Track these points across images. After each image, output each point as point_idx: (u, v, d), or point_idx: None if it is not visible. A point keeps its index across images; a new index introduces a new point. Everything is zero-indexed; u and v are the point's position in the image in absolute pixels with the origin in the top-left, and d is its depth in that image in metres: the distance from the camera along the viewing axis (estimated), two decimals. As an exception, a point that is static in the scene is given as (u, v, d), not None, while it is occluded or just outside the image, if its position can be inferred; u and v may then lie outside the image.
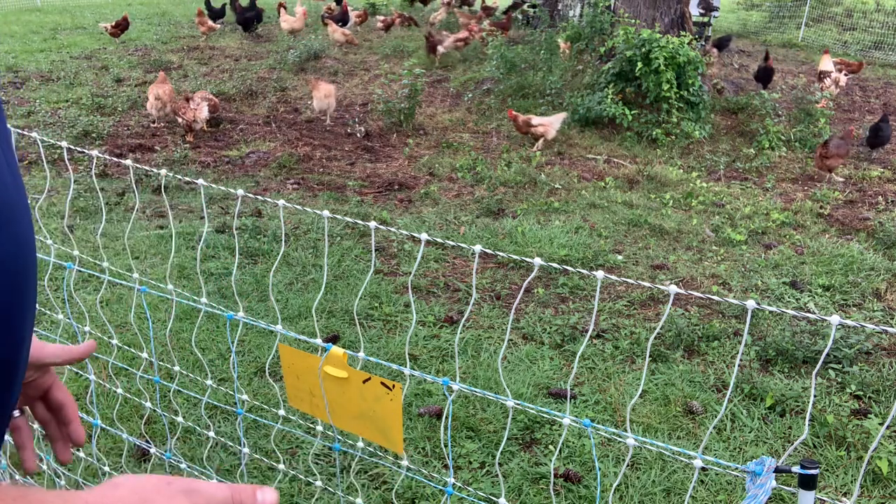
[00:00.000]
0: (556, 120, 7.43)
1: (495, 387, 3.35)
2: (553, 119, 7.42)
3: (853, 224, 5.65)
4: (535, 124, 7.35)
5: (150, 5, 17.69)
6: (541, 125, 7.34)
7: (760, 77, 9.39)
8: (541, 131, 7.35)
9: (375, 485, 2.77)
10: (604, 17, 9.29)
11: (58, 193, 5.69)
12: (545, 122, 7.37)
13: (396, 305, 4.14)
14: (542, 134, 7.37)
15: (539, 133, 7.37)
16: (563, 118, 7.59)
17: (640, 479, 2.82)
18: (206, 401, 2.67)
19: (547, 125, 7.34)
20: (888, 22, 13.69)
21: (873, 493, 2.80)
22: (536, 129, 7.34)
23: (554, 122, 7.39)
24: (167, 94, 7.52)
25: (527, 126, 7.38)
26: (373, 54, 11.98)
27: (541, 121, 7.38)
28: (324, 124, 8.08)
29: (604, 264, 4.76)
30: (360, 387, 1.37)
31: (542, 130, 7.35)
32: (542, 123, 7.35)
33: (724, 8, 18.17)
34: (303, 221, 5.35)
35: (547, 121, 7.38)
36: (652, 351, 3.71)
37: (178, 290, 2.15)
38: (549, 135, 7.37)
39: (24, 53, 11.17)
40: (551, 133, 7.38)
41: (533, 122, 7.37)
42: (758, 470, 1.09)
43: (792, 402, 3.33)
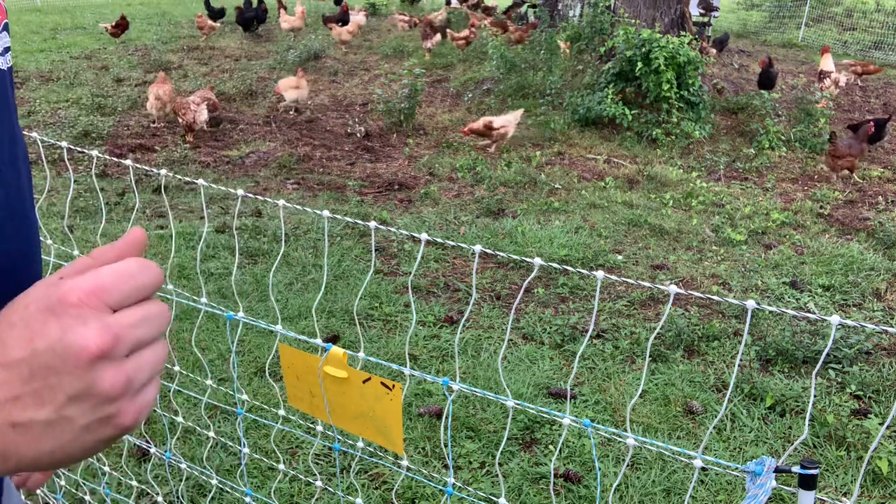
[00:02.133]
0: (515, 118, 7.21)
1: (495, 387, 3.35)
2: (512, 117, 7.20)
3: (853, 224, 5.65)
4: (498, 126, 7.04)
5: (150, 5, 17.69)
6: (503, 126, 7.05)
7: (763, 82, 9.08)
8: (502, 133, 7.08)
9: (375, 485, 2.77)
10: (604, 17, 9.29)
11: (58, 193, 5.69)
12: (504, 122, 7.10)
13: (396, 305, 4.14)
14: (504, 135, 7.11)
15: (502, 134, 7.09)
16: (521, 114, 7.35)
17: (640, 479, 2.82)
18: (206, 401, 2.67)
19: (507, 126, 7.10)
20: (888, 22, 13.69)
21: (873, 493, 2.80)
22: (499, 130, 7.05)
23: (513, 120, 7.18)
24: (167, 94, 7.53)
25: (489, 129, 7.06)
26: (373, 54, 11.98)
27: (502, 122, 7.10)
28: (323, 124, 8.08)
29: (604, 264, 4.76)
30: (360, 387, 1.36)
31: (503, 132, 7.08)
32: (504, 125, 7.07)
33: (724, 8, 18.16)
34: (303, 221, 5.35)
35: (505, 121, 7.13)
36: (652, 351, 3.71)
37: (178, 290, 2.15)
38: (509, 134, 7.16)
39: (24, 53, 11.18)
40: (511, 132, 7.16)
41: (495, 124, 7.05)
42: (758, 470, 1.09)
43: (792, 402, 3.33)
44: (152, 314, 0.54)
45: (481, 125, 7.06)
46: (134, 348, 0.53)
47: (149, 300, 0.55)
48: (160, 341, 0.56)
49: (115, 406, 0.52)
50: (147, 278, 0.54)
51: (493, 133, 7.06)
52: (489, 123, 7.05)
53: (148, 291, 0.54)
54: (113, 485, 2.63)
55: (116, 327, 0.51)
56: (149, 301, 0.55)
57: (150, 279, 0.54)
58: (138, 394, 0.53)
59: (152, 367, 0.54)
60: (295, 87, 8.26)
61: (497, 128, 7.04)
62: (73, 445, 0.52)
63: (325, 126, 8.05)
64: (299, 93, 8.29)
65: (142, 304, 0.54)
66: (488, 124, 7.04)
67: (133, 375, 0.52)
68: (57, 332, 0.50)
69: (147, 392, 0.54)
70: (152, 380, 0.55)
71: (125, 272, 0.53)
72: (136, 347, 0.53)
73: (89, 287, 0.51)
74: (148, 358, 0.54)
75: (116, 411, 0.52)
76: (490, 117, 7.21)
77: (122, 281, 0.53)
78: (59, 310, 0.50)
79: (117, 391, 0.51)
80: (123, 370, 0.52)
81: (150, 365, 0.54)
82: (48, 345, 0.50)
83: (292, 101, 8.33)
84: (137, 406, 0.53)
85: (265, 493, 2.61)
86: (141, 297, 0.54)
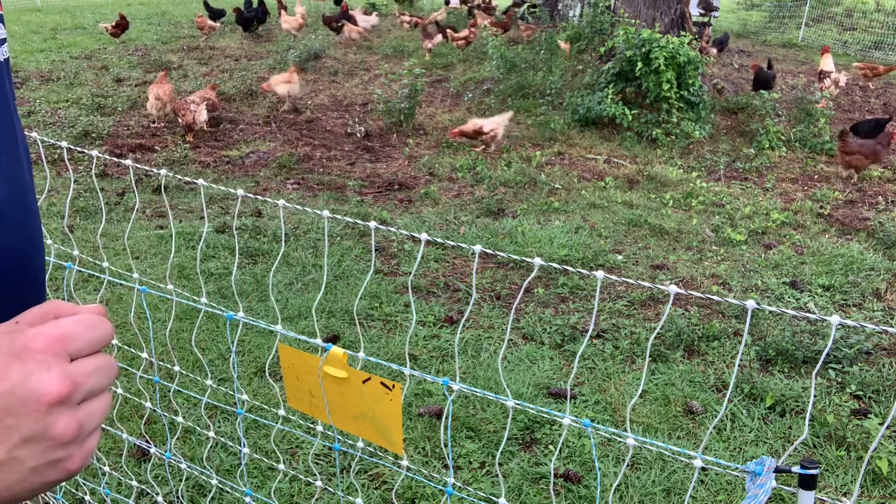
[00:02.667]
0: (504, 120, 7.18)
1: (495, 387, 3.35)
2: (501, 119, 7.16)
3: (853, 224, 5.65)
4: (488, 129, 6.99)
5: (150, 5, 17.70)
6: (492, 130, 7.01)
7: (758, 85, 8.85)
8: (491, 136, 7.04)
9: (375, 485, 2.77)
10: (604, 17, 9.30)
11: (58, 193, 5.69)
12: (494, 125, 7.06)
13: (396, 305, 4.14)
14: (494, 137, 7.06)
15: (492, 137, 7.05)
16: (510, 116, 7.31)
17: (640, 479, 2.82)
18: (206, 401, 2.67)
19: (496, 128, 7.06)
20: (888, 22, 13.69)
21: (873, 493, 2.80)
22: (489, 134, 7.01)
23: (502, 122, 7.14)
24: (167, 94, 7.53)
25: (478, 133, 7.02)
26: (373, 54, 11.98)
27: (492, 125, 7.05)
28: (323, 124, 8.08)
29: (604, 264, 4.76)
30: (360, 387, 1.36)
31: (493, 135, 7.04)
32: (493, 127, 7.03)
33: (724, 8, 18.17)
34: (303, 221, 5.35)
35: (495, 124, 7.09)
36: (652, 351, 3.71)
37: (178, 290, 2.15)
38: (499, 137, 7.13)
39: (24, 53, 11.17)
40: (500, 135, 7.12)
41: (485, 128, 7.00)
42: (758, 470, 1.09)
43: (792, 402, 3.33)
44: (104, 366, 0.57)
45: (470, 129, 7.03)
46: (87, 397, 0.56)
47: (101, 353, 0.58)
48: (107, 392, 0.58)
49: (65, 451, 0.54)
50: (103, 331, 0.58)
51: (483, 137, 7.05)
52: (479, 128, 7.02)
53: (102, 343, 0.58)
54: (113, 485, 2.63)
55: (75, 375, 0.54)
56: (102, 353, 0.58)
57: (105, 332, 0.58)
58: (85, 440, 0.56)
59: (100, 416, 0.57)
60: (286, 81, 8.36)
61: (486, 131, 7.01)
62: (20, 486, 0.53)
63: (325, 126, 8.05)
64: (290, 87, 8.37)
65: (96, 356, 0.57)
66: (478, 129, 7.01)
67: (84, 422, 0.55)
68: (20, 376, 0.52)
69: (91, 440, 0.57)
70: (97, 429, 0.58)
71: (85, 323, 0.56)
72: (88, 396, 0.56)
73: (53, 335, 0.54)
74: (97, 407, 0.57)
75: (66, 456, 0.54)
76: (480, 121, 7.16)
77: (82, 331, 0.56)
78: (23, 355, 0.53)
79: (70, 436, 0.53)
80: (76, 417, 0.54)
81: (99, 414, 0.57)
82: (9, 387, 0.52)
83: (283, 94, 8.41)
84: (83, 452, 0.56)
85: (265, 493, 2.61)
86: (96, 348, 0.57)
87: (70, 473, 0.55)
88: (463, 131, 7.07)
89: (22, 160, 0.79)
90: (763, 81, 8.72)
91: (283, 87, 8.34)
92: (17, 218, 0.75)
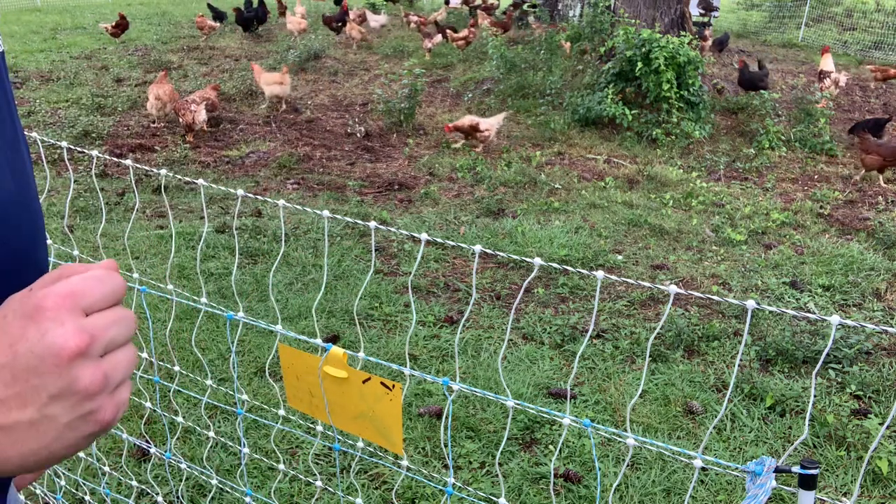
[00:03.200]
0: (498, 121, 7.21)
1: (495, 387, 3.35)
2: (495, 120, 7.20)
3: (853, 224, 5.65)
4: (484, 129, 7.04)
5: (150, 5, 17.70)
6: (487, 129, 7.06)
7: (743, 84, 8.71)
8: (486, 136, 7.08)
9: (375, 485, 2.77)
10: (604, 17, 9.30)
11: (58, 193, 5.69)
12: (489, 125, 7.10)
13: (396, 305, 4.14)
14: (488, 136, 7.11)
15: (485, 137, 7.10)
16: (504, 117, 7.35)
17: (640, 479, 2.82)
18: (206, 401, 2.67)
19: (491, 128, 7.10)
20: (888, 22, 13.69)
21: (873, 493, 2.80)
22: (484, 133, 7.05)
23: (495, 123, 7.17)
24: (167, 93, 7.53)
25: (474, 129, 7.06)
26: (373, 54, 11.98)
27: (488, 125, 7.10)
28: (323, 124, 8.08)
29: (604, 264, 4.76)
30: (360, 387, 1.36)
31: (487, 135, 7.08)
32: (489, 127, 7.08)
33: (724, 8, 18.17)
34: (303, 221, 5.35)
35: (491, 123, 7.14)
36: (652, 351, 3.71)
37: (178, 290, 2.15)
38: (493, 136, 7.17)
39: (24, 53, 11.17)
40: (493, 135, 7.16)
41: (481, 126, 7.05)
42: (758, 470, 1.09)
43: (792, 402, 3.33)
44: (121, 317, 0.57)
45: (467, 124, 7.06)
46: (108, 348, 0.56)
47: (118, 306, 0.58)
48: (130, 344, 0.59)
49: (94, 402, 0.54)
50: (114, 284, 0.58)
51: (478, 135, 7.07)
52: (476, 125, 7.06)
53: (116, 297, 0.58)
54: (113, 485, 2.63)
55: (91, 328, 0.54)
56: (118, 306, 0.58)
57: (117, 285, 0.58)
58: (115, 391, 0.56)
59: (126, 366, 0.57)
60: (279, 82, 8.39)
61: (483, 130, 7.05)
62: (57, 444, 0.54)
63: (325, 126, 8.05)
64: (282, 88, 8.41)
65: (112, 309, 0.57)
66: (475, 125, 7.05)
67: (110, 373, 0.55)
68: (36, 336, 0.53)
69: (122, 391, 0.57)
70: (126, 379, 0.58)
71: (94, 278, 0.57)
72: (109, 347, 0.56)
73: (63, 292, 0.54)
74: (121, 358, 0.57)
75: (97, 407, 0.55)
76: (477, 118, 7.19)
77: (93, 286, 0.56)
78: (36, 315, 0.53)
79: (96, 387, 0.54)
80: (100, 367, 0.54)
81: (124, 364, 0.57)
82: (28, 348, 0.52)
83: (273, 96, 8.46)
84: (115, 402, 0.56)
85: (265, 493, 2.61)
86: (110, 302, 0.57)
87: (105, 424, 0.56)
88: (458, 126, 7.10)
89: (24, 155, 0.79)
90: (748, 81, 8.57)
91: (273, 88, 8.38)
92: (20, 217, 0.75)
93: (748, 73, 8.58)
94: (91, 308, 0.55)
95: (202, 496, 2.63)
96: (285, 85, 8.38)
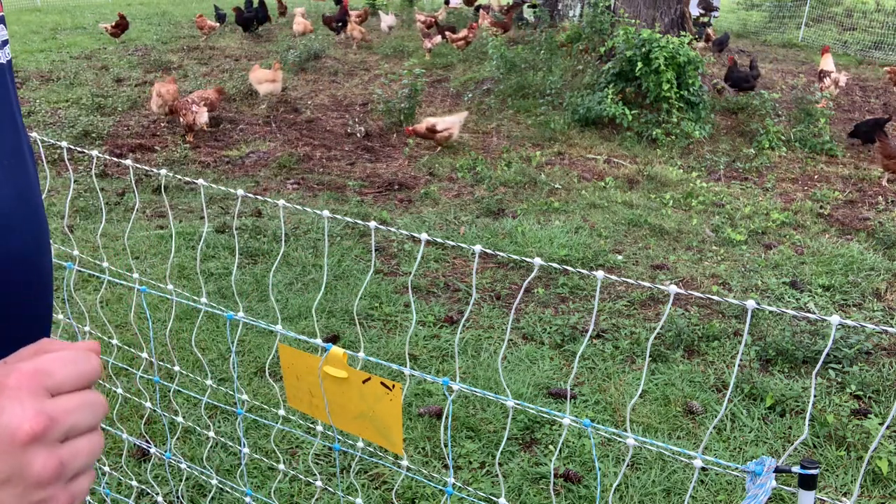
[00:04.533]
0: (459, 119, 7.17)
1: (495, 387, 3.35)
2: (455, 119, 7.16)
3: (853, 224, 5.65)
4: (441, 129, 6.99)
5: (150, 5, 17.70)
6: (446, 129, 7.01)
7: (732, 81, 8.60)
8: (445, 135, 7.03)
9: (375, 485, 2.77)
10: (604, 17, 9.30)
11: (58, 193, 5.69)
12: (448, 124, 7.06)
13: (396, 305, 4.14)
14: (448, 137, 7.07)
15: (445, 137, 7.05)
16: (464, 116, 7.30)
17: (640, 479, 2.82)
18: (206, 401, 2.67)
19: (451, 127, 7.05)
20: (888, 22, 13.69)
21: (873, 493, 2.80)
22: (442, 133, 7.00)
23: (457, 121, 7.13)
24: (170, 92, 7.54)
25: (431, 132, 7.01)
26: (373, 54, 11.98)
27: (445, 124, 7.05)
28: (323, 124, 8.08)
29: (604, 264, 4.76)
30: (360, 387, 1.36)
31: (447, 135, 7.03)
32: (447, 126, 7.03)
33: (724, 8, 18.17)
34: (303, 221, 5.35)
35: (450, 122, 7.09)
36: (652, 351, 3.71)
37: (178, 290, 2.15)
38: (454, 136, 7.13)
39: (24, 53, 11.17)
40: (455, 134, 7.12)
41: (438, 126, 7.00)
42: (758, 470, 1.09)
43: (792, 402, 3.33)
44: (90, 402, 0.54)
45: (423, 127, 7.05)
46: (69, 434, 0.52)
47: (88, 389, 0.55)
48: (97, 431, 0.55)
49: (46, 492, 0.51)
50: (87, 367, 0.55)
51: (437, 136, 7.05)
52: (432, 126, 7.02)
53: (88, 380, 0.55)
54: (113, 485, 2.63)
55: (52, 411, 0.51)
56: (88, 390, 0.55)
57: (91, 368, 0.55)
58: (71, 482, 0.53)
59: (87, 454, 0.54)
60: (271, 80, 8.48)
61: (440, 130, 7.02)
62: None
63: (325, 126, 8.05)
64: (274, 86, 8.52)
65: (81, 392, 0.54)
66: (431, 127, 7.02)
67: (67, 460, 0.52)
68: None
69: (81, 481, 0.54)
70: (87, 468, 0.54)
71: (66, 359, 0.53)
72: (71, 433, 0.53)
73: (29, 370, 0.51)
74: (83, 446, 0.53)
75: (48, 497, 0.51)
76: (434, 119, 7.16)
77: (63, 366, 0.53)
78: None
79: (49, 476, 0.50)
80: (56, 455, 0.51)
81: (86, 453, 0.54)
82: None
83: (266, 93, 8.55)
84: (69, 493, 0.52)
85: (265, 493, 2.61)
86: (81, 385, 0.54)
87: None
88: (416, 130, 7.11)
89: (27, 161, 0.79)
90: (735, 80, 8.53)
91: (266, 87, 8.47)
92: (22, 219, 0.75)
93: (735, 73, 8.59)
94: (58, 389, 0.52)
95: (202, 496, 2.63)
96: (277, 82, 8.48)
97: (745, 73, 8.61)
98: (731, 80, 8.60)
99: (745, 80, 8.52)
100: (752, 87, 8.47)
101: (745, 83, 8.50)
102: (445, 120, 7.12)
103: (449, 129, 7.04)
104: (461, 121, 7.22)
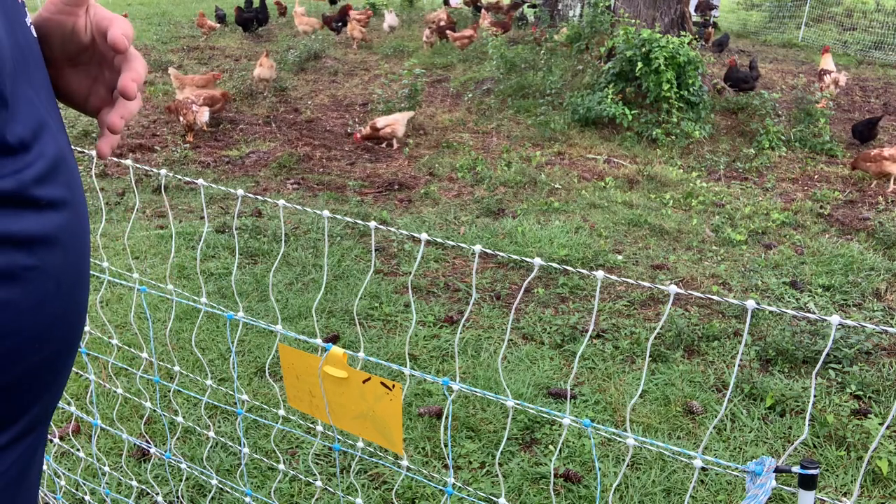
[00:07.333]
0: (403, 117, 7.14)
1: (495, 387, 3.35)
2: (399, 117, 7.13)
3: (853, 224, 5.65)
4: (381, 126, 6.97)
5: (150, 5, 17.69)
6: (387, 126, 6.98)
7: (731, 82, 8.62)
8: (388, 132, 7.00)
9: (375, 485, 2.77)
10: (604, 17, 9.30)
11: (58, 193, 5.69)
12: (390, 121, 7.03)
13: (396, 305, 4.14)
14: (392, 135, 7.03)
15: (387, 134, 7.02)
16: (410, 116, 7.29)
17: (640, 479, 2.82)
18: (206, 401, 2.67)
19: (394, 124, 7.02)
20: (888, 22, 13.69)
21: (873, 493, 2.80)
22: (384, 131, 6.98)
23: (400, 119, 7.09)
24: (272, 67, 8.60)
25: (374, 131, 6.98)
26: (373, 54, 11.98)
27: (386, 121, 7.03)
28: (324, 124, 8.08)
29: (604, 264, 4.76)
30: (360, 387, 1.37)
31: (389, 131, 7.00)
32: (389, 123, 7.00)
33: (724, 8, 18.17)
34: (303, 221, 5.35)
35: (392, 120, 7.06)
36: (652, 351, 3.71)
37: (178, 290, 2.16)
38: (399, 133, 7.10)
39: (24, 53, 11.16)
40: (400, 131, 7.09)
41: (378, 124, 6.97)
42: (758, 470, 1.09)
43: (792, 402, 3.33)
44: None
45: (368, 129, 7.07)
46: None
47: None
48: None
49: None
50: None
51: (379, 134, 7.04)
52: (373, 125, 7.04)
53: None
54: (113, 485, 2.63)
55: None
56: None
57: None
58: None
59: None
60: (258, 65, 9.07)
61: (381, 128, 7.01)
62: None
63: (325, 126, 8.05)
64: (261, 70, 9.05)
65: None
66: (373, 125, 7.05)
67: None
68: None
69: None
70: None
71: None
72: None
73: None
74: None
75: None
76: (376, 119, 7.17)
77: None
78: None
79: None
80: None
81: None
82: None
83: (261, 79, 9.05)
84: None
85: (265, 493, 2.61)
86: None
87: None
88: (364, 135, 7.14)
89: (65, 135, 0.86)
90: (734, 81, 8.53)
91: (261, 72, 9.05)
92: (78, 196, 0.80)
93: (735, 74, 8.62)
94: None
95: (202, 496, 2.63)
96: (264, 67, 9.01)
97: (745, 73, 8.62)
98: (731, 80, 8.61)
99: (745, 80, 8.52)
100: (752, 88, 8.49)
101: (745, 83, 8.51)
102: (387, 118, 7.13)
103: (391, 125, 7.02)
104: (406, 119, 7.20)
